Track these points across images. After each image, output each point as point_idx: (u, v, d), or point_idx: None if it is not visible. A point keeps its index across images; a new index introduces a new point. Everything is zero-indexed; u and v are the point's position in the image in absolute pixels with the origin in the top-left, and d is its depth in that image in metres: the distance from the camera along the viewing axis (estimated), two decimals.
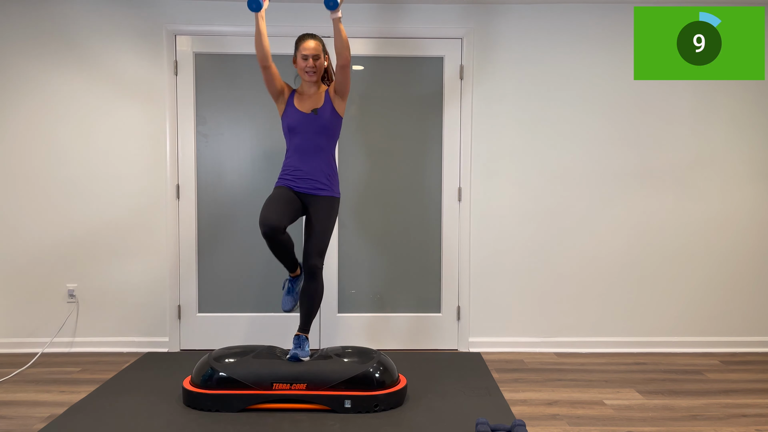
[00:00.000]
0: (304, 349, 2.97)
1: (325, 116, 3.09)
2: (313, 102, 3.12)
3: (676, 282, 3.94)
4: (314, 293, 3.06)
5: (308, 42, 3.06)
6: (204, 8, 3.78)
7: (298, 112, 3.10)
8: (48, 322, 3.86)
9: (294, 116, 3.09)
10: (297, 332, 3.05)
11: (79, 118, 3.79)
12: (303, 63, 3.06)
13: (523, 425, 2.53)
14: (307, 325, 3.08)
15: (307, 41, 3.07)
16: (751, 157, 3.90)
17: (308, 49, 3.05)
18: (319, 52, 3.08)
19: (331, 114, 3.10)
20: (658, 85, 3.85)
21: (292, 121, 3.09)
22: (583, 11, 3.83)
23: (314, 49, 3.05)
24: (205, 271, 3.89)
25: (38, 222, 3.82)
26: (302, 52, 3.06)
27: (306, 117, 3.08)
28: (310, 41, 3.07)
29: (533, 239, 3.91)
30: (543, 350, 3.93)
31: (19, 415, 2.83)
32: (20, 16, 3.75)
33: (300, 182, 3.08)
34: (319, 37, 3.11)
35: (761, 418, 2.82)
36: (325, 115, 3.10)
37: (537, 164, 3.88)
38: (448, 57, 3.84)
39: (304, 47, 3.05)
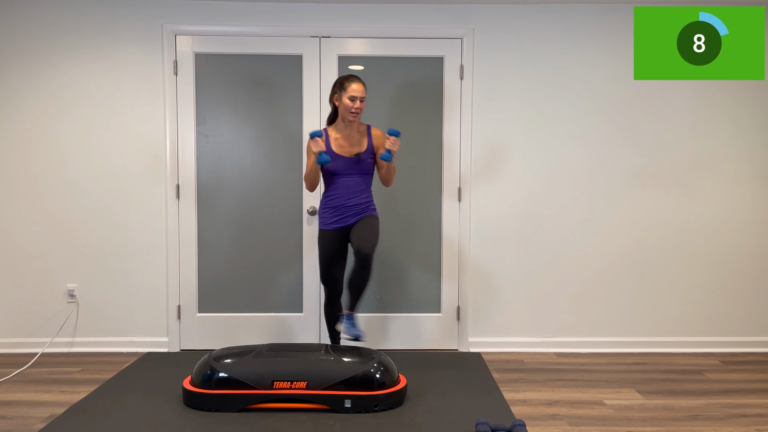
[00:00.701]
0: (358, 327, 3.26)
1: (367, 160, 3.23)
2: (354, 143, 3.21)
3: (676, 282, 3.94)
4: (366, 279, 3.17)
5: (357, 84, 3.13)
6: (204, 8, 3.78)
7: (339, 157, 3.17)
8: (48, 322, 3.86)
9: (336, 162, 3.17)
10: (347, 311, 3.25)
11: (79, 117, 3.79)
12: (350, 104, 3.12)
13: (523, 425, 2.53)
14: (356, 305, 3.26)
15: (356, 83, 3.13)
16: (751, 157, 3.90)
17: (357, 91, 3.12)
18: (365, 96, 3.17)
19: (372, 157, 3.25)
20: (658, 85, 3.85)
21: (333, 167, 3.18)
22: (583, 11, 3.83)
23: (362, 92, 3.14)
24: (205, 271, 3.89)
25: (38, 222, 3.82)
26: (351, 93, 3.11)
27: (348, 161, 3.18)
28: (359, 84, 3.14)
29: (533, 239, 3.91)
30: (543, 350, 3.93)
31: (19, 415, 2.83)
32: (20, 16, 3.75)
33: (347, 218, 3.22)
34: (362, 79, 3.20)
35: (761, 418, 2.82)
36: (368, 159, 3.23)
37: (537, 164, 3.88)
38: (448, 57, 3.84)
39: (354, 89, 3.12)
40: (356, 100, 3.12)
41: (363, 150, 3.21)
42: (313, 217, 3.87)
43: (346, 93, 3.12)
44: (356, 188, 3.22)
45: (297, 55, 3.82)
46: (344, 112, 3.15)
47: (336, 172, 3.19)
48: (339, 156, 3.18)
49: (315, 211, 3.85)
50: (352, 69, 3.84)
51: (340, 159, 3.18)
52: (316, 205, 3.86)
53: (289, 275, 3.91)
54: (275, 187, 3.87)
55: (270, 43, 3.81)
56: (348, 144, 3.20)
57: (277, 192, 3.87)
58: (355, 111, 3.13)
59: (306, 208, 3.87)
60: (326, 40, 3.81)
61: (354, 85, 3.12)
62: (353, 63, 3.85)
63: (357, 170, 3.21)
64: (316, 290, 3.90)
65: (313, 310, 3.91)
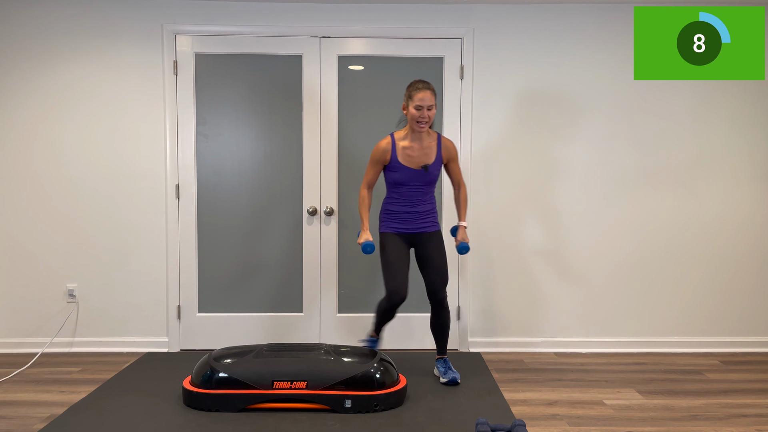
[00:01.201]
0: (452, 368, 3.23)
1: (435, 172, 3.10)
2: (423, 155, 3.07)
3: (676, 282, 3.94)
4: (447, 319, 3.21)
5: (424, 93, 2.95)
6: (204, 8, 3.78)
7: (405, 169, 3.05)
8: (48, 322, 3.86)
9: (401, 173, 3.06)
10: (439, 356, 3.28)
11: (79, 118, 3.79)
12: (416, 113, 2.96)
13: (523, 425, 2.53)
14: (446, 347, 3.28)
15: (423, 91, 2.95)
16: (751, 157, 3.90)
17: (424, 100, 2.94)
18: (434, 102, 2.97)
19: (439, 168, 3.13)
20: (658, 85, 3.85)
21: (399, 177, 3.07)
22: (583, 11, 3.83)
23: (430, 100, 2.96)
24: (205, 271, 3.89)
25: (39, 222, 3.82)
26: (416, 102, 2.95)
27: (415, 173, 3.06)
28: (426, 92, 2.95)
29: (533, 239, 3.91)
30: (543, 350, 3.93)
31: (19, 415, 2.83)
32: (21, 16, 3.75)
33: (409, 224, 3.13)
34: (432, 86, 3.02)
35: (761, 418, 2.82)
36: (435, 171, 3.10)
37: (537, 164, 3.88)
38: (448, 57, 3.84)
39: (419, 98, 2.94)
40: (423, 109, 2.94)
41: (431, 162, 3.07)
42: (313, 217, 3.87)
43: (413, 102, 2.96)
44: (420, 197, 3.12)
45: (297, 55, 3.83)
46: (411, 122, 3.00)
47: (400, 182, 3.08)
48: (405, 167, 3.05)
49: (315, 211, 3.85)
50: (352, 69, 3.84)
51: (406, 170, 3.05)
52: (317, 205, 3.87)
53: (289, 275, 3.91)
54: (275, 187, 3.87)
55: (270, 43, 3.81)
56: (416, 155, 3.06)
57: (277, 192, 3.87)
58: (421, 120, 2.96)
59: (306, 208, 3.87)
60: (326, 40, 3.82)
61: (420, 93, 2.94)
62: (353, 63, 3.85)
63: (422, 181, 3.08)
64: (316, 290, 3.90)
65: (313, 310, 3.92)
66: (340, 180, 3.88)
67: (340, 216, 3.89)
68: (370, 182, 3.18)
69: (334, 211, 3.87)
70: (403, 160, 3.05)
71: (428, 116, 2.97)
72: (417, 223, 3.13)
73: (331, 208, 3.86)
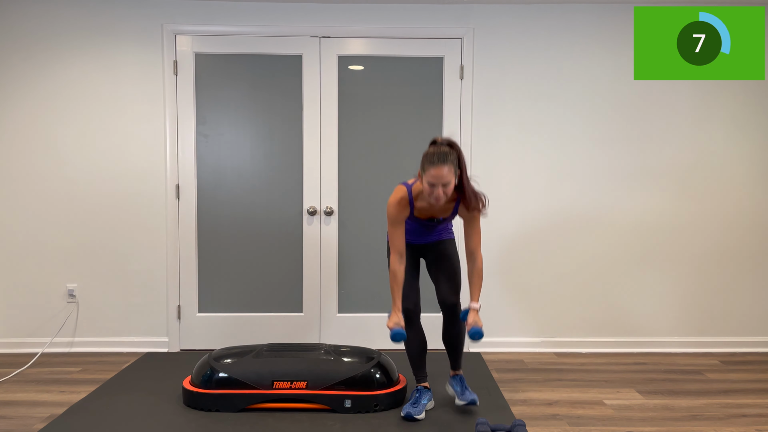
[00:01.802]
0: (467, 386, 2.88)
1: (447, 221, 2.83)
2: (438, 211, 2.75)
3: (676, 282, 3.94)
4: (460, 331, 2.88)
5: (438, 169, 2.47)
6: (204, 8, 3.78)
7: (417, 220, 2.78)
8: (48, 322, 3.86)
9: (412, 223, 2.81)
10: (454, 372, 2.94)
11: (79, 117, 3.79)
12: (429, 189, 2.52)
13: (523, 425, 2.53)
14: (460, 362, 2.94)
15: (437, 167, 2.47)
16: (751, 157, 3.90)
17: (436, 177, 2.48)
18: (451, 178, 2.50)
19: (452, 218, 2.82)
20: (658, 85, 3.85)
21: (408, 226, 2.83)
22: (583, 11, 3.83)
23: (446, 177, 2.49)
24: (205, 271, 3.89)
25: (38, 222, 3.82)
26: (428, 179, 2.50)
27: (425, 222, 2.80)
28: (441, 167, 2.47)
29: (533, 239, 3.91)
30: (543, 350, 3.93)
31: (19, 415, 2.83)
32: (20, 16, 3.75)
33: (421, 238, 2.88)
34: (452, 154, 2.52)
35: (761, 418, 2.82)
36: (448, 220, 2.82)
37: (537, 164, 3.88)
38: (448, 57, 3.84)
39: (432, 174, 2.48)
40: (436, 187, 2.50)
41: (447, 216, 2.76)
42: (313, 217, 3.87)
43: (425, 176, 2.51)
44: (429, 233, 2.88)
45: (297, 55, 3.83)
46: (426, 194, 2.57)
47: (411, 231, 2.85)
48: (417, 218, 2.78)
49: (315, 211, 3.85)
50: (352, 69, 3.84)
51: (417, 221, 2.79)
52: (317, 205, 3.87)
53: (289, 275, 3.91)
54: (275, 187, 3.87)
55: (270, 43, 3.82)
56: (431, 213, 2.76)
57: (277, 192, 3.88)
58: (436, 199, 2.54)
59: (306, 208, 3.87)
60: (326, 40, 3.82)
61: (434, 169, 2.47)
62: (353, 63, 3.85)
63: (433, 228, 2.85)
64: (316, 290, 3.90)
65: (313, 310, 3.92)
66: (340, 180, 3.88)
67: (340, 216, 3.89)
68: (399, 249, 2.71)
69: (334, 211, 3.87)
70: (416, 212, 2.76)
71: (444, 193, 2.52)
72: (430, 238, 2.89)
73: (331, 208, 3.86)
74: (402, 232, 2.72)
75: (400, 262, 2.73)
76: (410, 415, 2.73)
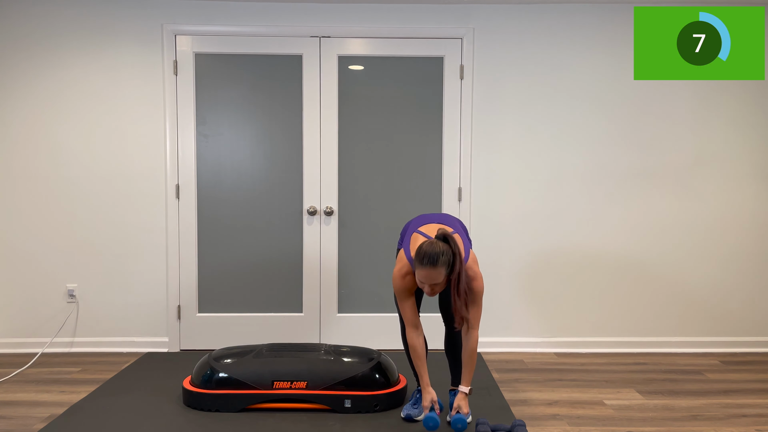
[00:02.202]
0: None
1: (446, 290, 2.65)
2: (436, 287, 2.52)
3: (676, 282, 3.94)
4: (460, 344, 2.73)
5: (425, 271, 2.39)
6: (204, 8, 3.78)
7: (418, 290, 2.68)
8: (48, 322, 3.85)
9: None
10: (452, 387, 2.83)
11: (79, 117, 3.79)
12: (419, 283, 2.47)
13: (523, 425, 2.53)
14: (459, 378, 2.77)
15: (425, 269, 2.39)
16: (752, 157, 3.90)
17: (425, 277, 2.41)
18: (440, 279, 2.42)
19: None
20: (658, 85, 3.85)
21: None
22: (583, 11, 3.83)
23: (433, 279, 2.41)
24: (205, 271, 3.89)
25: (39, 222, 3.82)
26: (419, 278, 2.44)
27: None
28: (428, 270, 2.38)
29: (533, 239, 3.91)
30: (543, 350, 3.93)
31: (19, 415, 2.83)
32: (20, 16, 3.75)
33: None
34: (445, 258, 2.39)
35: (761, 418, 2.82)
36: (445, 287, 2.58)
37: (537, 164, 3.88)
38: (448, 57, 3.84)
39: (421, 273, 2.41)
40: (425, 284, 2.44)
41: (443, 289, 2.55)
42: (313, 217, 3.87)
43: (416, 272, 2.45)
44: None
45: (297, 55, 3.83)
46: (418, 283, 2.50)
47: None
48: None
49: (315, 211, 3.85)
50: (352, 69, 3.84)
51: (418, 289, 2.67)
52: (317, 205, 3.87)
53: (289, 275, 3.91)
54: (275, 187, 3.87)
55: (270, 43, 3.81)
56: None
57: (277, 192, 3.87)
58: (426, 293, 2.48)
59: (306, 208, 3.87)
60: (326, 40, 3.82)
61: (423, 270, 2.39)
62: (353, 63, 3.85)
63: None
64: (316, 290, 3.90)
65: (313, 310, 3.92)
66: (340, 180, 3.88)
67: (340, 216, 3.89)
68: (413, 321, 2.61)
69: (334, 211, 3.87)
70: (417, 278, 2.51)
71: (434, 290, 2.47)
72: None
73: (331, 208, 3.86)
74: (412, 302, 2.60)
75: (417, 335, 2.61)
76: (410, 417, 2.72)
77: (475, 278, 2.55)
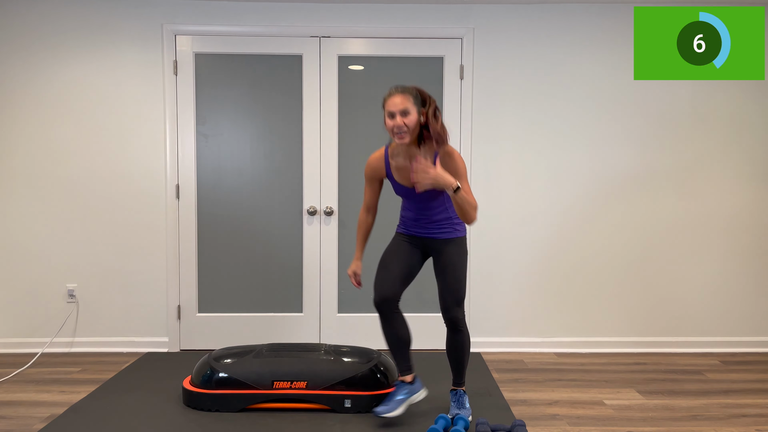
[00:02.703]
0: (465, 405, 2.76)
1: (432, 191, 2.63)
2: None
3: (676, 282, 3.94)
4: (462, 345, 2.73)
5: (394, 97, 2.54)
6: (204, 8, 3.78)
7: (402, 187, 2.70)
8: (48, 322, 3.86)
9: (398, 188, 2.73)
10: (453, 387, 2.81)
11: (78, 117, 3.79)
12: (390, 123, 2.55)
13: (523, 425, 2.53)
14: (462, 378, 2.79)
15: (393, 96, 2.54)
16: (751, 157, 3.90)
17: (394, 104, 2.53)
18: (408, 107, 2.52)
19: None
20: (658, 85, 3.85)
21: (399, 191, 2.74)
22: (583, 11, 3.83)
23: (401, 104, 2.52)
24: (205, 271, 3.89)
25: (39, 222, 3.82)
26: (388, 108, 2.55)
27: (410, 190, 2.68)
28: (395, 95, 2.54)
29: (533, 239, 3.91)
30: (543, 350, 3.93)
31: (19, 415, 2.83)
32: (20, 16, 3.75)
33: (421, 229, 2.74)
34: (411, 89, 2.57)
35: (761, 418, 2.82)
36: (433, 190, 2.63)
37: (537, 164, 3.88)
38: (448, 57, 3.84)
39: (389, 103, 2.54)
40: (395, 116, 2.53)
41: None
42: (313, 217, 3.87)
43: (385, 110, 2.56)
44: (426, 210, 2.70)
45: (297, 55, 3.83)
46: (390, 134, 2.59)
47: (401, 195, 2.76)
48: (399, 184, 2.70)
49: (315, 211, 3.85)
50: (352, 69, 3.84)
51: (400, 187, 2.70)
52: (317, 205, 3.87)
53: (289, 275, 3.91)
54: (275, 187, 3.87)
55: (270, 43, 3.82)
56: (407, 171, 2.66)
57: (277, 192, 3.88)
58: (397, 130, 2.54)
59: (306, 208, 3.87)
60: (326, 40, 3.82)
61: (390, 98, 2.55)
62: (353, 63, 3.85)
63: (424, 197, 2.67)
64: (316, 290, 3.90)
65: (313, 310, 3.92)
66: (340, 180, 3.88)
67: (340, 216, 3.89)
68: (368, 203, 2.85)
69: (334, 211, 3.87)
70: (395, 174, 2.71)
71: (404, 124, 2.52)
72: (430, 229, 2.72)
73: (331, 208, 3.86)
74: (374, 189, 2.84)
75: (367, 215, 2.90)
76: (377, 413, 2.62)
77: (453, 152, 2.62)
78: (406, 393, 2.71)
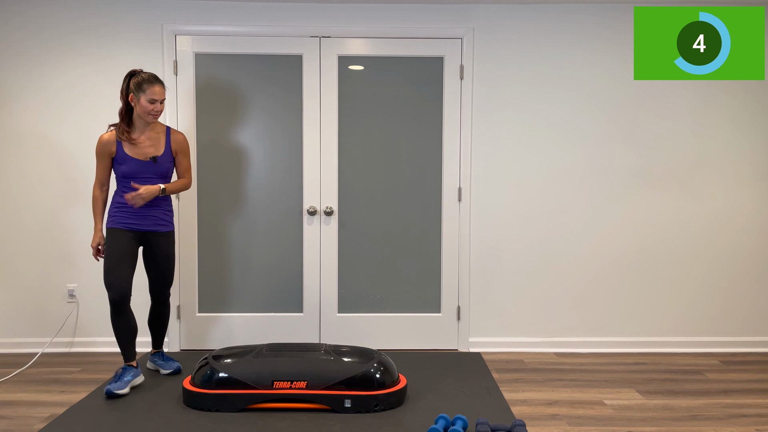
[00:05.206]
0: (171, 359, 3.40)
1: (164, 164, 3.14)
2: (150, 145, 3.12)
3: (676, 282, 3.94)
4: (166, 316, 3.36)
5: (158, 87, 3.04)
6: (204, 8, 3.78)
7: (133, 160, 3.07)
8: (48, 322, 3.86)
9: (129, 164, 3.06)
10: (155, 350, 3.39)
11: (79, 117, 3.79)
12: (150, 107, 3.04)
13: (523, 425, 2.53)
14: (161, 342, 3.41)
15: (157, 86, 3.04)
16: (751, 157, 3.90)
17: (158, 93, 3.04)
18: (165, 96, 3.10)
19: (170, 161, 3.17)
20: (658, 85, 3.86)
21: (127, 169, 3.06)
22: (583, 11, 3.83)
23: (161, 94, 3.06)
24: (205, 271, 3.89)
25: (38, 222, 3.82)
26: (151, 96, 3.02)
27: (143, 164, 3.08)
28: (159, 86, 3.05)
29: (533, 239, 3.91)
30: (543, 350, 3.93)
31: (19, 415, 2.83)
32: (20, 17, 3.75)
33: (139, 220, 3.12)
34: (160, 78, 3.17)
35: (761, 418, 2.82)
36: (165, 163, 3.14)
37: (537, 164, 3.88)
38: (448, 57, 3.84)
39: (153, 91, 3.03)
40: (156, 102, 3.04)
41: (160, 153, 3.13)
42: (313, 217, 3.88)
43: (145, 95, 3.02)
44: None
45: (297, 55, 3.83)
46: (142, 114, 3.05)
47: (129, 175, 3.07)
48: (132, 158, 3.06)
49: (315, 211, 3.86)
50: (352, 69, 3.84)
51: (133, 161, 3.06)
52: (317, 205, 3.87)
53: (289, 275, 3.91)
54: (275, 186, 3.87)
55: (270, 43, 3.82)
56: (144, 146, 3.10)
57: (276, 192, 3.88)
58: (155, 113, 3.06)
59: (306, 208, 3.87)
60: (326, 40, 3.82)
61: (155, 87, 3.03)
62: (353, 63, 3.85)
63: (153, 173, 3.11)
64: (316, 290, 3.90)
65: (313, 310, 3.92)
66: (340, 180, 3.88)
67: (340, 216, 3.89)
68: (101, 179, 3.14)
69: (334, 211, 3.88)
70: (128, 150, 3.08)
71: (160, 110, 3.06)
72: (149, 221, 3.13)
73: (331, 208, 3.86)
74: (106, 165, 3.11)
75: (100, 190, 3.16)
76: (110, 391, 2.96)
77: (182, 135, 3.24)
78: (132, 375, 3.10)
